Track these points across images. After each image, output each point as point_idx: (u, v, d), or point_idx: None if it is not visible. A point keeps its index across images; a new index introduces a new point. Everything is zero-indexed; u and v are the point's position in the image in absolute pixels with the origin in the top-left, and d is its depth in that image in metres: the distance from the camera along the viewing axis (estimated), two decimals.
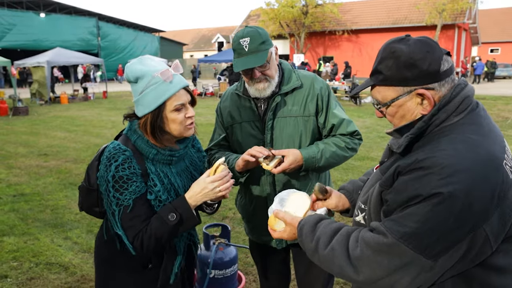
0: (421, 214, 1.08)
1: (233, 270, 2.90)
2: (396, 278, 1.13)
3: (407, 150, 1.24)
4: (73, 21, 34.52)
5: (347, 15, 32.83)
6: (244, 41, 1.97)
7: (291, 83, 2.12)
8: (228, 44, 49.54)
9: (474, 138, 1.16)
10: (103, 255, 1.83)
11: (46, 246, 4.24)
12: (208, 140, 2.33)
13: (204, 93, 21.74)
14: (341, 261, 1.22)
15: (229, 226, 3.04)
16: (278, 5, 31.70)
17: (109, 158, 1.60)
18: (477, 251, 1.11)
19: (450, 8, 27.43)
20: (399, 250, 1.10)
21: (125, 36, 38.97)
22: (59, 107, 17.60)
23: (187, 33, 64.74)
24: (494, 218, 1.10)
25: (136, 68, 1.63)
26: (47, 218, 4.99)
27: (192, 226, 1.68)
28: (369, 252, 1.16)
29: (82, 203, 1.84)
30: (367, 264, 1.16)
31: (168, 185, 1.70)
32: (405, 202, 1.12)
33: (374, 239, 1.16)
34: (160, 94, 1.60)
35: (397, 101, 1.24)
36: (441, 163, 1.09)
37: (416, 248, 1.09)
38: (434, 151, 1.13)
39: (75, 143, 9.63)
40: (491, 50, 46.75)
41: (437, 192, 1.06)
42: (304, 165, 2.02)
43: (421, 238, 1.08)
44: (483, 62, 29.16)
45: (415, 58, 1.19)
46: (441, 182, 1.07)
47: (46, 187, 6.24)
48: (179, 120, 1.65)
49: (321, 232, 1.32)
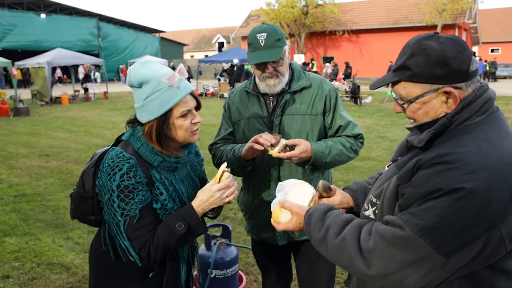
0: (441, 208, 1.07)
1: (234, 270, 2.91)
2: (408, 273, 1.12)
3: (428, 145, 1.23)
4: (74, 22, 34.55)
5: (347, 15, 32.83)
6: (260, 36, 2.03)
7: (300, 82, 2.18)
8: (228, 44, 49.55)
9: (496, 138, 1.16)
10: (102, 264, 1.74)
11: (48, 246, 4.26)
12: (208, 141, 2.35)
13: (205, 93, 21.77)
14: (352, 252, 1.20)
15: (230, 226, 3.05)
16: (278, 6, 31.70)
17: (112, 166, 1.54)
18: (491, 251, 1.11)
19: (451, 8, 27.41)
20: (415, 244, 1.09)
21: (126, 36, 38.99)
22: (60, 107, 17.62)
23: (187, 33, 64.77)
24: (510, 219, 1.09)
25: (140, 72, 1.57)
26: (49, 219, 5.01)
27: (199, 234, 1.64)
28: (383, 245, 1.14)
29: (74, 211, 1.76)
30: (379, 257, 1.14)
31: (173, 193, 1.67)
32: (424, 196, 1.11)
33: (389, 232, 1.14)
34: (167, 100, 1.55)
35: (422, 98, 1.23)
36: (464, 159, 1.09)
37: (432, 243, 1.08)
38: (457, 147, 1.13)
39: (76, 143, 9.65)
40: (492, 50, 46.71)
41: (459, 187, 1.06)
42: (313, 157, 2.04)
43: (439, 232, 1.07)
44: (483, 62, 29.14)
45: (447, 56, 1.18)
46: (464, 178, 1.06)
47: (47, 187, 6.26)
48: (185, 127, 1.61)
49: (331, 221, 1.30)
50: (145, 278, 1.69)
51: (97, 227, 1.81)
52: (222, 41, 54.45)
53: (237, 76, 20.77)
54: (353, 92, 16.67)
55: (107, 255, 1.69)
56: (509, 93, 20.64)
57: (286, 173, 2.18)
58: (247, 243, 4.20)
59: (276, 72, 2.08)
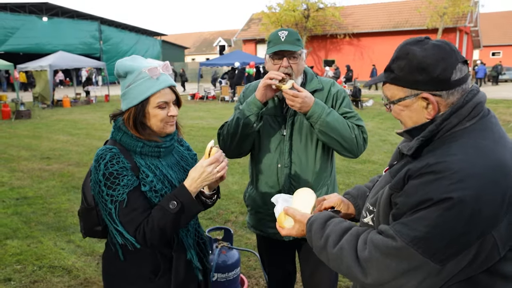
0: (431, 218, 1.08)
1: (235, 273, 2.91)
2: (403, 282, 1.14)
3: (417, 153, 1.24)
4: (76, 25, 34.70)
5: (348, 18, 32.89)
6: (282, 33, 2.14)
7: (313, 84, 2.28)
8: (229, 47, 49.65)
9: (485, 143, 1.16)
10: (112, 270, 1.78)
11: (49, 249, 4.26)
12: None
13: (206, 96, 21.80)
14: (349, 261, 1.22)
15: (231, 229, 3.05)
16: (279, 9, 31.76)
17: (97, 160, 1.61)
18: (485, 256, 1.11)
19: (451, 11, 27.45)
20: (408, 254, 1.10)
21: (127, 39, 39.13)
22: (62, 110, 17.66)
23: (188, 36, 64.94)
24: (503, 224, 1.10)
25: (126, 63, 1.67)
26: (50, 221, 5.01)
27: (195, 213, 1.65)
28: (378, 255, 1.16)
29: (84, 228, 1.80)
30: (375, 266, 1.16)
31: (161, 176, 1.70)
32: (415, 206, 1.12)
33: (383, 242, 1.16)
34: (145, 89, 1.63)
35: (403, 101, 1.26)
36: (452, 168, 1.09)
37: (425, 253, 1.09)
38: (445, 156, 1.14)
39: (77, 146, 9.67)
40: (493, 54, 46.74)
41: (447, 197, 1.06)
42: (313, 107, 2.07)
43: (430, 242, 1.08)
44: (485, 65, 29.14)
45: (427, 63, 1.19)
46: (452, 187, 1.07)
47: (49, 190, 6.26)
48: (160, 117, 1.66)
49: (331, 230, 1.32)
50: (155, 277, 1.72)
51: (104, 238, 1.83)
52: (224, 44, 54.57)
53: (239, 79, 20.80)
54: (354, 95, 16.69)
55: (116, 259, 1.72)
56: (511, 96, 20.63)
57: (297, 169, 2.23)
58: (249, 246, 4.20)
59: (290, 69, 2.14)
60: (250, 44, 37.26)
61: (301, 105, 2.05)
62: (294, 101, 2.05)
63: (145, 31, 41.74)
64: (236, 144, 2.24)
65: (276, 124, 2.25)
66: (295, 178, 2.24)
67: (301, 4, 31.49)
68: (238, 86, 20.32)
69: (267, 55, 2.21)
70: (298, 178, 2.24)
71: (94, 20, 36.36)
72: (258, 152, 2.31)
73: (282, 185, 2.24)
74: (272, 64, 2.17)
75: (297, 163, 2.23)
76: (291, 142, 2.23)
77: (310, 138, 2.23)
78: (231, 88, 20.85)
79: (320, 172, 2.27)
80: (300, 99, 2.03)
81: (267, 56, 2.21)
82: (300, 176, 2.24)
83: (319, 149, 2.26)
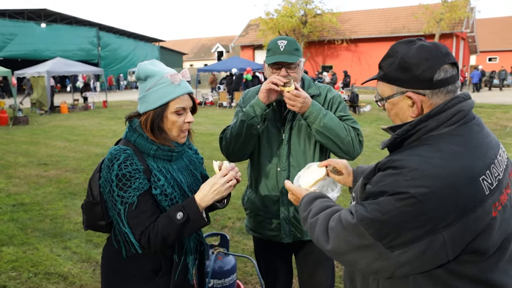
0: (384, 206, 1.16)
1: (232, 279, 2.90)
2: (357, 257, 1.23)
3: (393, 149, 1.33)
4: (74, 31, 34.77)
5: (345, 24, 33.06)
6: (281, 42, 2.17)
7: (310, 90, 2.31)
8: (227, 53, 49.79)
9: (456, 149, 1.18)
10: (113, 266, 1.81)
11: (45, 255, 4.24)
12: (208, 151, 2.40)
13: (204, 102, 21.81)
14: (320, 229, 1.36)
15: (228, 235, 3.05)
16: (277, 15, 31.92)
17: (110, 159, 1.63)
18: (433, 254, 1.14)
19: (448, 17, 27.64)
20: (360, 232, 1.20)
21: (125, 45, 39.22)
22: (59, 116, 17.64)
23: (187, 42, 65.12)
24: (455, 228, 1.12)
25: (147, 67, 1.71)
26: (47, 228, 4.99)
27: (200, 227, 1.68)
28: (339, 227, 1.27)
29: (87, 220, 1.84)
30: (336, 237, 1.28)
31: (171, 180, 1.73)
32: (376, 195, 1.21)
33: (345, 217, 1.27)
34: (165, 94, 1.66)
35: (391, 99, 1.32)
36: (409, 165, 1.15)
37: (374, 235, 1.17)
38: (409, 155, 1.20)
39: (75, 152, 9.65)
40: (489, 59, 46.99)
41: (400, 192, 1.13)
42: (310, 107, 2.13)
43: (380, 227, 1.16)
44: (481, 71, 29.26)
45: (409, 62, 1.24)
46: (406, 183, 1.13)
47: (45, 196, 6.25)
48: (178, 123, 1.70)
49: (315, 205, 1.47)
50: (155, 276, 1.75)
51: (108, 233, 1.87)
52: (222, 50, 54.72)
53: (236, 85, 20.82)
54: (351, 100, 16.74)
55: (118, 255, 1.75)
56: (508, 101, 20.72)
57: (295, 172, 2.23)
58: (246, 252, 4.19)
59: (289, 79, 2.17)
60: (248, 50, 37.39)
61: (302, 105, 2.10)
62: (296, 101, 2.09)
63: (143, 37, 41.86)
64: (239, 147, 2.27)
65: (275, 129, 2.30)
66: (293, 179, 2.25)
67: (299, 10, 31.66)
68: (236, 92, 20.36)
69: (266, 64, 2.25)
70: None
71: (93, 27, 36.45)
72: (258, 156, 2.35)
73: (281, 188, 2.27)
74: (271, 73, 2.22)
75: (295, 166, 2.26)
76: (290, 146, 2.27)
77: (308, 142, 2.27)
78: (229, 94, 20.87)
79: None
80: (301, 99, 2.09)
81: (266, 64, 2.25)
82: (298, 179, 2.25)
83: (317, 153, 2.29)
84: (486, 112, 16.10)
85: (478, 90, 28.50)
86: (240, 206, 5.56)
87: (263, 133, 2.30)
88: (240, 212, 5.37)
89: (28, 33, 31.53)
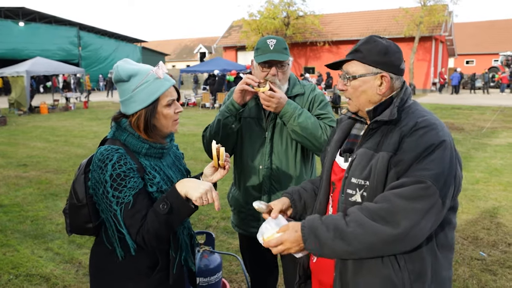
0: (439, 157, 1.34)
1: (217, 277, 2.91)
2: (424, 223, 1.31)
3: (398, 117, 1.48)
4: (54, 31, 34.14)
5: (328, 26, 33.37)
6: (270, 41, 2.21)
7: (295, 89, 2.34)
8: (210, 54, 49.64)
9: (429, 111, 1.53)
10: (105, 266, 1.75)
11: (26, 257, 4.17)
12: (192, 151, 2.42)
13: (186, 103, 21.72)
14: (371, 226, 1.32)
15: (213, 233, 3.06)
16: (260, 16, 31.99)
17: (102, 159, 1.60)
18: (456, 192, 1.40)
19: (427, 20, 28.18)
20: (431, 192, 1.31)
21: (107, 46, 38.70)
22: (39, 117, 17.31)
23: (169, 43, 64.66)
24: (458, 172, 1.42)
25: (128, 67, 1.68)
26: (27, 229, 4.91)
27: (185, 213, 1.62)
28: (403, 203, 1.31)
29: (71, 225, 1.76)
30: (401, 213, 1.30)
31: (165, 177, 1.74)
32: (420, 154, 1.35)
33: (408, 190, 1.32)
34: (155, 90, 1.66)
35: (364, 78, 1.52)
36: (433, 122, 1.42)
37: (438, 189, 1.31)
38: (421, 116, 1.44)
39: (55, 153, 9.49)
40: (467, 62, 48.11)
41: (442, 140, 1.37)
42: (285, 106, 2.15)
43: (440, 177, 1.32)
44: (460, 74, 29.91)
45: (389, 49, 1.51)
46: (441, 134, 1.38)
47: (25, 198, 6.13)
48: (170, 115, 1.71)
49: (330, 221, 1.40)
50: (151, 273, 1.72)
51: (95, 235, 1.81)
52: (204, 51, 54.54)
53: (219, 86, 20.81)
54: (334, 102, 16.90)
55: (112, 256, 1.70)
56: (484, 103, 21.26)
57: (277, 171, 2.30)
58: (231, 251, 4.20)
59: (276, 78, 2.21)
60: (231, 51, 37.36)
61: (277, 105, 2.13)
62: (270, 101, 2.12)
63: (125, 37, 41.38)
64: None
65: (258, 127, 2.32)
66: (275, 179, 2.31)
67: (281, 12, 31.80)
68: (219, 92, 20.34)
69: (255, 62, 2.26)
70: (279, 179, 2.30)
71: (73, 26, 35.86)
72: (241, 154, 2.37)
73: (263, 186, 2.31)
74: (261, 71, 2.23)
75: (277, 164, 2.30)
76: (272, 144, 2.30)
77: (290, 140, 2.30)
78: (212, 95, 20.83)
79: (300, 173, 2.34)
80: (276, 99, 2.12)
81: (255, 63, 2.27)
82: (280, 177, 2.30)
83: (299, 151, 2.32)
84: (464, 113, 16.48)
85: (457, 92, 29.12)
86: (224, 205, 5.56)
87: (246, 131, 2.33)
88: (225, 211, 5.38)
89: (6, 32, 30.81)
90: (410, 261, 1.39)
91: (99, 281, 1.79)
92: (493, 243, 4.43)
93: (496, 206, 5.58)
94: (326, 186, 1.68)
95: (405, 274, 1.39)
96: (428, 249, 1.41)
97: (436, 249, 1.43)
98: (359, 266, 1.45)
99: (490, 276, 3.70)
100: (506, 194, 6.12)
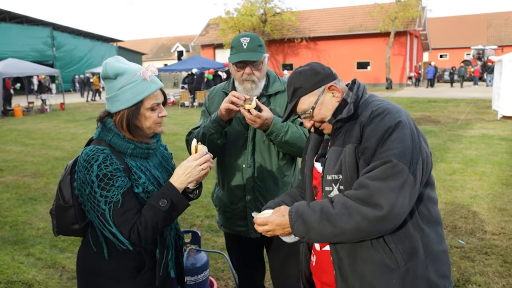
0: (397, 136, 1.41)
1: (205, 275, 2.93)
2: (401, 200, 1.36)
3: (354, 114, 1.56)
4: (26, 31, 33.20)
5: (305, 23, 33.58)
6: (244, 40, 2.18)
7: (275, 86, 2.33)
8: (188, 53, 49.28)
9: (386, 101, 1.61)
10: (92, 268, 1.75)
11: (7, 264, 4.08)
12: (172, 150, 2.37)
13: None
14: (356, 207, 1.39)
15: (199, 232, 3.07)
16: (237, 14, 31.95)
17: (87, 160, 1.59)
18: (426, 166, 1.46)
19: (402, 16, 28.70)
20: (399, 169, 1.37)
21: (82, 46, 37.94)
22: (13, 120, 16.87)
23: (145, 42, 63.82)
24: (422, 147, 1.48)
25: (116, 65, 1.67)
26: (6, 235, 4.80)
27: (183, 208, 1.69)
28: (378, 183, 1.37)
29: (57, 226, 1.75)
30: (379, 193, 1.36)
31: (151, 177, 1.74)
32: (381, 138, 1.42)
33: (379, 171, 1.39)
34: (140, 92, 1.65)
35: (319, 101, 1.60)
36: (387, 107, 1.49)
37: (406, 164, 1.37)
38: (376, 106, 1.52)
39: (33, 157, 9.28)
40: (441, 56, 49.20)
41: (398, 121, 1.43)
42: (271, 127, 2.15)
43: (405, 154, 1.38)
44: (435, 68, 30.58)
45: (313, 68, 1.63)
46: (397, 115, 1.45)
47: (3, 203, 5.98)
48: (153, 119, 1.70)
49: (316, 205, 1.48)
50: (138, 274, 1.72)
51: (81, 236, 1.81)
52: (182, 50, 54.09)
53: (198, 84, 20.70)
54: None
55: (98, 257, 1.70)
56: (459, 95, 21.80)
57: (260, 169, 2.31)
58: (216, 248, 4.21)
59: (253, 76, 2.20)
60: (209, 49, 37.19)
61: (261, 125, 2.13)
62: (256, 121, 2.11)
63: (100, 37, 40.67)
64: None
65: (240, 126, 2.31)
66: (258, 177, 2.31)
67: (258, 9, 31.83)
68: (198, 91, 20.24)
69: (230, 62, 2.25)
70: (262, 177, 2.31)
71: (46, 26, 34.99)
72: (224, 153, 2.36)
73: (247, 184, 2.31)
74: (236, 71, 2.23)
75: (260, 162, 2.31)
76: (254, 143, 2.31)
77: None
78: (191, 93, 20.71)
79: (283, 172, 2.35)
80: (260, 120, 2.10)
81: (230, 63, 2.26)
82: (263, 175, 2.31)
83: None
84: (439, 106, 16.86)
85: (432, 86, 29.75)
86: (207, 204, 5.57)
87: (229, 130, 2.31)
88: (208, 210, 5.39)
89: None
90: (399, 241, 1.44)
91: (86, 282, 1.79)
92: (471, 231, 4.58)
93: (473, 195, 5.77)
94: (310, 191, 1.74)
95: (398, 255, 1.44)
96: (413, 226, 1.47)
97: (421, 224, 1.49)
98: (353, 256, 1.50)
99: (468, 263, 3.83)
100: (481, 184, 6.32)
